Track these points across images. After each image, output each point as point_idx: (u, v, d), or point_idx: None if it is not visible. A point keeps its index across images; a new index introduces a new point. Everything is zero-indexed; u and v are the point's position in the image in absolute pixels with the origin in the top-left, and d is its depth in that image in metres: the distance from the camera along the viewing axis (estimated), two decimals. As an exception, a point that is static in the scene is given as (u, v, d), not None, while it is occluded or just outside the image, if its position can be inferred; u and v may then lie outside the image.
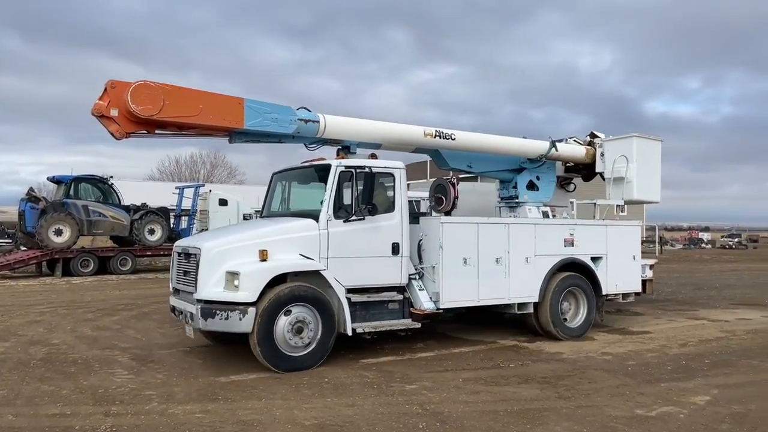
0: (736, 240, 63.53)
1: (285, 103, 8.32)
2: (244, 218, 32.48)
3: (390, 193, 8.34)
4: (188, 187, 28.38)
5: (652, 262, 11.72)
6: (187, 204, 26.82)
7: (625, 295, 10.76)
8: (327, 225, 7.77)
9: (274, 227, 7.94)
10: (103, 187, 22.75)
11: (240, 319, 7.09)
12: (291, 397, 6.32)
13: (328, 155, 8.98)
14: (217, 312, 7.18)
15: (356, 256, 7.91)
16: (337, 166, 8.00)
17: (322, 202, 7.86)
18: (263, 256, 7.39)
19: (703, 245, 58.96)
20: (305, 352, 7.46)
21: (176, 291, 8.28)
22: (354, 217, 7.83)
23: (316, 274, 7.65)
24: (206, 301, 7.29)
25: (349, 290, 7.85)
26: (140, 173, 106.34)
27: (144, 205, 23.52)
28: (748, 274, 24.19)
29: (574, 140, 11.57)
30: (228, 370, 7.44)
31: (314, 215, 7.85)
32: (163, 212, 23.68)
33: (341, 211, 7.87)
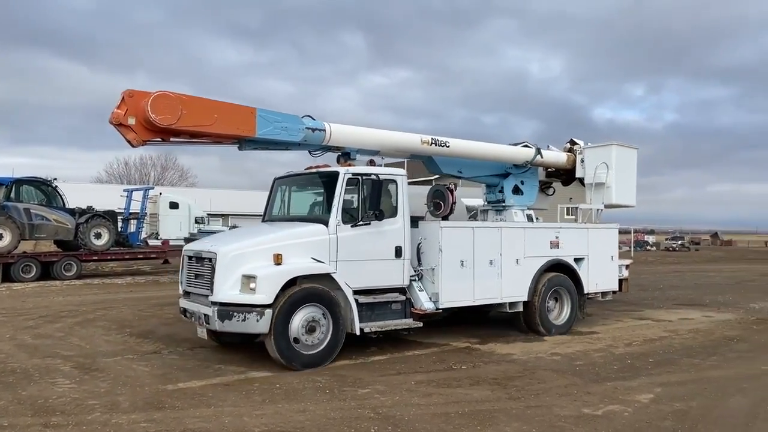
0: (679, 242, 65.98)
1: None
2: (196, 221, 31.92)
3: (393, 199, 8.71)
4: (137, 189, 27.69)
5: (627, 262, 12.31)
6: (135, 207, 26.11)
7: (604, 294, 11.43)
8: (336, 230, 8.12)
9: (286, 232, 8.23)
10: (46, 189, 21.90)
11: (257, 320, 7.39)
12: (241, 404, 6.21)
13: (324, 161, 9.25)
14: (234, 314, 7.46)
15: (363, 259, 8.29)
16: (344, 173, 8.34)
17: (330, 208, 8.22)
18: (278, 259, 7.66)
19: (649, 247, 60.97)
20: (317, 351, 7.79)
21: (186, 293, 8.50)
22: (361, 222, 8.23)
23: (325, 277, 7.96)
24: (222, 304, 7.54)
25: (356, 292, 8.17)
26: (86, 175, 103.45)
27: (90, 208, 22.79)
28: (690, 276, 25.12)
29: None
30: (177, 378, 7.26)
31: (323, 220, 8.21)
32: (110, 216, 22.96)
33: (348, 216, 8.23)
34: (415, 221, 9.13)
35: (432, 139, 9.77)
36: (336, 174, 8.39)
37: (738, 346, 9.47)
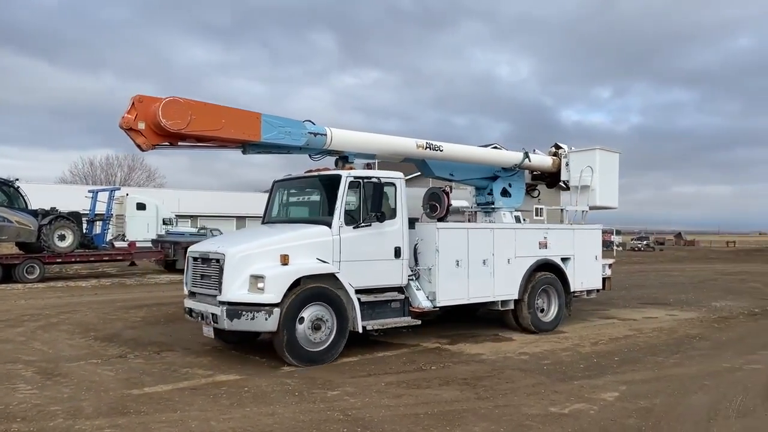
0: (644, 242, 67.35)
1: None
2: (164, 223, 31.48)
3: (392, 201, 8.98)
4: (102, 190, 27.12)
5: (610, 261, 12.73)
6: (101, 208, 25.60)
7: (589, 292, 11.87)
8: (339, 231, 8.39)
9: (292, 233, 8.45)
10: (8, 190, 21.31)
11: (266, 319, 7.64)
12: (208, 408, 6.13)
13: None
14: (243, 313, 7.69)
15: (364, 259, 8.56)
16: (346, 176, 8.62)
17: (332, 210, 8.48)
18: (285, 260, 7.89)
19: (615, 247, 62.06)
20: (322, 348, 8.07)
21: (192, 294, 8.66)
22: (363, 224, 8.52)
23: (330, 277, 8.21)
24: (231, 303, 7.75)
25: (358, 291, 8.42)
26: (50, 176, 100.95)
27: (53, 209, 22.23)
28: (654, 275, 25.63)
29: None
30: (142, 382, 7.14)
31: (326, 222, 8.45)
32: (74, 217, 22.46)
33: (349, 218, 8.50)
34: (411, 222, 9.40)
35: (426, 143, 10.10)
36: (338, 177, 8.64)
37: (700, 344, 9.69)
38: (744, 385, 7.07)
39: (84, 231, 23.46)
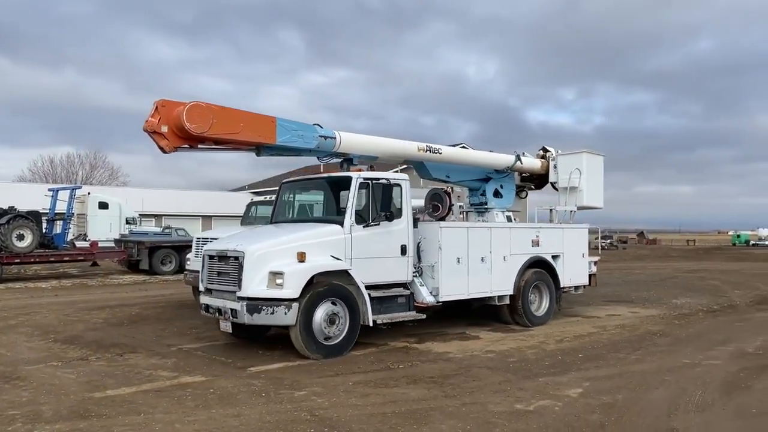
0: (608, 241, 68.54)
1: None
2: (128, 222, 30.86)
3: (398, 201, 9.38)
4: (63, 189, 26.44)
5: (596, 259, 13.25)
6: (62, 207, 24.97)
7: (576, 287, 12.49)
8: (350, 230, 8.79)
9: (307, 232, 8.84)
10: (-37, 188, 20.68)
11: (285, 313, 8.01)
12: (173, 411, 6.03)
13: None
14: (263, 307, 8.04)
15: (373, 256, 8.99)
16: (357, 177, 9.04)
17: (342, 210, 8.93)
18: (301, 257, 8.26)
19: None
20: (336, 342, 8.48)
21: (208, 290, 8.91)
22: (372, 223, 8.94)
23: (342, 273, 8.61)
24: (251, 299, 8.07)
25: (367, 287, 8.78)
26: (9, 174, 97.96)
27: (12, 208, 21.59)
28: (618, 273, 26.14)
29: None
30: (104, 385, 6.99)
31: (338, 221, 8.87)
32: (34, 216, 21.82)
33: (358, 218, 8.91)
34: (413, 222, 9.79)
35: (427, 146, 10.70)
36: (349, 178, 9.08)
37: (660, 341, 9.92)
38: (703, 380, 7.26)
39: (44, 231, 22.83)
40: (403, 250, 9.31)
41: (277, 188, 10.56)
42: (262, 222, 13.58)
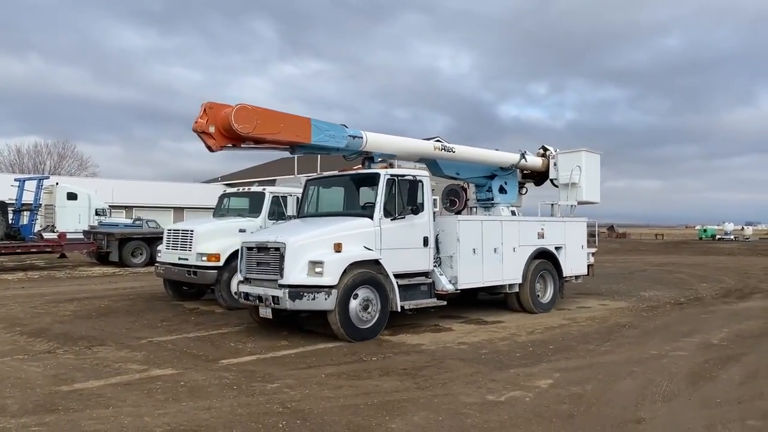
0: (579, 235, 69.10)
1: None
2: (97, 213, 30.31)
3: (420, 196, 10.04)
4: (30, 179, 25.89)
5: (593, 250, 13.99)
6: (28, 198, 24.41)
7: (576, 277, 13.33)
8: (380, 222, 9.48)
9: (342, 225, 9.47)
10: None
11: (325, 299, 8.65)
12: (142, 404, 5.95)
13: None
14: (304, 294, 8.67)
15: (399, 247, 9.64)
16: (384, 174, 9.73)
17: (372, 204, 9.62)
18: (338, 248, 8.93)
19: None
20: (369, 325, 9.09)
21: (247, 280, 9.57)
22: (399, 216, 9.61)
23: (374, 263, 9.28)
24: (293, 286, 8.69)
25: (394, 275, 9.40)
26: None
27: (-24, 198, 21.10)
28: (588, 266, 26.46)
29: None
30: (72, 378, 6.87)
31: (368, 215, 9.55)
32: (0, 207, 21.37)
33: (385, 211, 9.55)
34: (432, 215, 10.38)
35: (442, 145, 11.42)
36: (378, 175, 9.76)
37: (629, 333, 10.10)
38: (669, 371, 7.40)
39: (10, 221, 22.33)
40: (426, 242, 9.98)
41: (302, 186, 11.26)
42: (234, 214, 13.54)
